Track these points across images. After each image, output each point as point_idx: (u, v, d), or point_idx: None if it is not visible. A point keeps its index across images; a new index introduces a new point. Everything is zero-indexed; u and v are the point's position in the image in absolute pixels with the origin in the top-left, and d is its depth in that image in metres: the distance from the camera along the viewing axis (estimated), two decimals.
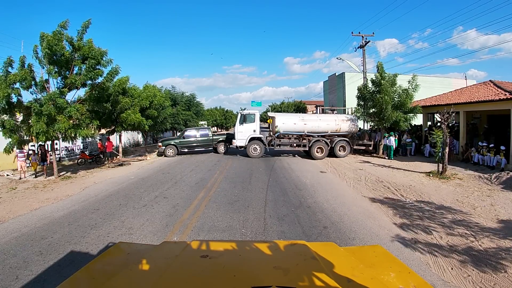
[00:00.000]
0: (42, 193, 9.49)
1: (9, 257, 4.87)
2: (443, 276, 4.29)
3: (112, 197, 8.60)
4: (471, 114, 16.31)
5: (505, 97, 12.61)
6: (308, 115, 23.39)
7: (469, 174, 11.61)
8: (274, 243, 2.11)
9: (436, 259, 4.76)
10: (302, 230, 5.72)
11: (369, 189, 9.28)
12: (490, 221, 6.46)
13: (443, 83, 31.37)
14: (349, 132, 17.33)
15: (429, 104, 17.41)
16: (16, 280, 4.16)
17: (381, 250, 2.15)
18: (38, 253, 4.94)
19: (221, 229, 5.83)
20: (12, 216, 7.03)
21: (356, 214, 6.80)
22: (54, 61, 10.62)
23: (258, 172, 12.43)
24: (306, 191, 9.02)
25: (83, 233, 5.73)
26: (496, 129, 14.94)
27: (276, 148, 17.29)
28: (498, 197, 8.38)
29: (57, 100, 10.53)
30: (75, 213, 7.05)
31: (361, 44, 21.42)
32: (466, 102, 14.61)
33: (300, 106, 56.75)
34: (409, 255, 4.84)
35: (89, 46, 11.43)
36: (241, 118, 17.69)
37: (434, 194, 8.64)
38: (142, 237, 5.48)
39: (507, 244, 5.33)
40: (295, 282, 1.48)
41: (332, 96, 37.70)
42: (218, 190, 9.17)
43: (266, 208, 7.19)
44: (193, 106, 31.23)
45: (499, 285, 4.10)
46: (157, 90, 20.60)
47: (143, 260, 1.78)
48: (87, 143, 18.84)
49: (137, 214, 6.87)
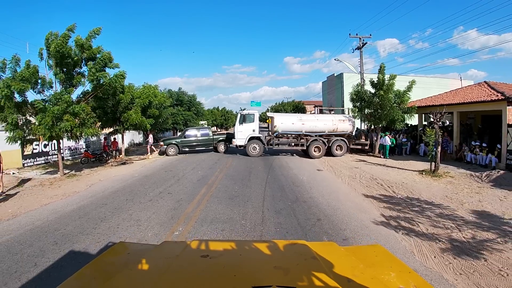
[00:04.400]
0: (50, 190, 9.88)
1: (25, 247, 5.21)
2: (425, 263, 4.64)
3: (118, 193, 9.02)
4: (466, 114, 16.70)
5: (496, 98, 13.02)
6: (306, 115, 23.84)
7: (461, 172, 11.97)
8: (275, 243, 2.11)
9: (420, 248, 5.12)
10: (298, 222, 6.16)
11: (363, 186, 9.72)
12: (475, 216, 6.78)
13: (440, 84, 31.71)
14: (346, 131, 17.76)
15: (424, 104, 17.82)
16: (35, 267, 4.51)
17: (381, 250, 2.17)
18: (53, 243, 5.32)
19: (222, 220, 6.26)
20: (24, 211, 7.38)
21: (349, 208, 7.23)
22: (61, 63, 11.04)
23: (257, 170, 12.87)
24: (302, 187, 9.45)
25: (94, 225, 6.15)
26: (490, 129, 15.32)
27: (274, 147, 17.74)
28: (486, 194, 8.71)
29: (63, 98, 10.93)
30: (84, 208, 7.46)
31: (358, 46, 21.88)
32: (460, 103, 15.03)
33: (299, 106, 57.22)
34: (395, 244, 5.24)
35: (98, 50, 11.93)
36: (240, 118, 18.16)
37: (424, 191, 9.05)
38: (150, 228, 5.90)
39: (490, 236, 5.65)
40: (295, 282, 1.49)
41: (331, 96, 38.09)
42: (219, 186, 9.60)
43: (264, 203, 7.64)
44: (193, 106, 31.70)
45: (478, 272, 4.41)
46: (158, 90, 21.02)
47: (143, 260, 1.79)
48: (88, 143, 19.23)
49: (144, 208, 7.30)
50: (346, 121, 17.75)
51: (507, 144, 12.09)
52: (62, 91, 11.22)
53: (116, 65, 12.51)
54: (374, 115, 17.13)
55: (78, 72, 12.18)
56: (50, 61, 11.32)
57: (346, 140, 17.53)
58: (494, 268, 4.49)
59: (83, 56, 11.82)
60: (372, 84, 17.32)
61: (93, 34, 11.85)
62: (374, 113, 17.15)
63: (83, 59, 11.94)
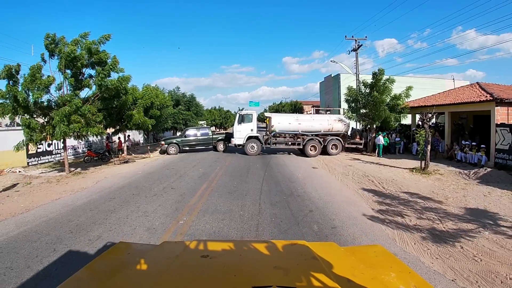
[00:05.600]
0: (58, 186, 10.35)
1: (43, 235, 5.68)
2: (405, 249, 5.10)
3: (125, 188, 9.57)
4: (458, 114, 17.23)
5: (485, 99, 13.55)
6: (302, 115, 24.50)
7: (450, 170, 12.47)
8: (275, 243, 2.13)
9: (402, 236, 5.62)
10: (291, 213, 6.73)
11: (355, 182, 10.29)
12: (458, 209, 7.27)
13: (436, 84, 32.23)
14: (341, 131, 18.38)
15: (417, 105, 18.35)
16: (55, 252, 4.98)
17: (381, 250, 2.18)
18: (68, 232, 5.82)
19: (222, 211, 6.84)
20: (36, 205, 7.82)
21: (340, 201, 7.81)
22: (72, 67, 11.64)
23: (255, 167, 13.45)
24: (297, 183, 10.04)
25: (105, 216, 6.69)
26: (481, 129, 15.86)
27: (272, 147, 18.36)
28: (471, 190, 9.17)
29: (73, 101, 11.49)
30: (94, 202, 7.99)
31: (353, 48, 22.46)
32: (450, 103, 15.59)
33: (297, 106, 57.79)
34: (379, 232, 5.77)
35: (106, 56, 12.53)
36: (239, 118, 18.78)
37: (412, 187, 9.59)
38: (157, 218, 6.45)
39: (469, 227, 6.10)
40: (295, 282, 1.49)
41: (328, 96, 38.62)
42: (219, 182, 10.19)
43: (261, 196, 8.24)
44: (193, 107, 32.28)
45: (453, 257, 4.84)
46: (159, 91, 21.57)
47: (144, 260, 1.81)
48: (90, 142, 19.71)
49: (150, 201, 7.86)
50: (341, 121, 18.39)
51: (496, 143, 12.61)
52: (72, 94, 11.76)
53: (121, 69, 13.10)
54: (368, 115, 17.71)
55: (85, 76, 12.74)
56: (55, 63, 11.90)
57: (341, 139, 18.14)
58: (469, 254, 4.89)
59: (91, 60, 12.39)
60: (365, 84, 17.89)
61: (103, 39, 12.42)
62: (368, 113, 17.73)
63: (90, 63, 12.53)
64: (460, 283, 4.01)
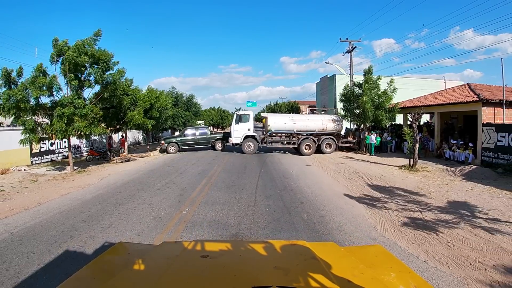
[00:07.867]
0: (64, 183, 10.88)
1: (58, 225, 6.21)
2: (385, 235, 5.64)
3: (130, 184, 10.20)
4: (449, 114, 17.91)
5: (472, 100, 14.21)
6: (298, 115, 25.18)
7: (438, 167, 13.05)
8: (274, 243, 2.13)
9: (383, 224, 6.21)
10: (284, 204, 7.39)
11: (345, 178, 10.96)
12: (440, 202, 7.82)
13: (431, 85, 32.89)
14: (334, 130, 19.08)
15: (408, 105, 19.06)
16: (71, 238, 5.51)
17: (381, 250, 2.20)
18: (81, 221, 6.38)
19: (221, 203, 7.50)
20: (47, 200, 8.34)
21: (329, 195, 8.47)
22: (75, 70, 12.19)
23: (252, 165, 14.14)
24: (291, 179, 10.72)
25: (114, 207, 7.30)
26: (470, 128, 16.50)
27: (268, 145, 19.06)
28: (455, 186, 9.74)
29: (75, 102, 12.04)
30: (101, 196, 8.59)
31: (348, 50, 23.14)
32: (439, 104, 16.28)
33: (293, 106, 58.37)
34: (362, 221, 6.36)
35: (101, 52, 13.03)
36: (236, 118, 19.45)
37: (399, 182, 10.24)
38: (162, 209, 7.07)
39: (447, 218, 6.63)
40: (295, 282, 1.50)
41: (324, 97, 39.20)
42: (217, 178, 10.84)
43: (257, 190, 8.91)
44: (191, 107, 32.90)
45: (428, 242, 5.33)
46: (163, 95, 22.17)
47: (143, 260, 1.81)
48: (92, 141, 20.23)
49: (154, 195, 8.49)
50: (335, 121, 19.08)
51: (482, 142, 13.24)
52: (74, 95, 12.30)
53: (116, 62, 13.60)
54: (360, 115, 18.40)
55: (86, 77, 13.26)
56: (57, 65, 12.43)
57: (335, 138, 18.83)
58: (443, 240, 5.39)
59: (90, 61, 12.91)
60: (358, 86, 18.58)
61: (95, 37, 12.93)
62: (360, 114, 18.42)
63: (89, 63, 13.04)
64: (432, 263, 4.47)
